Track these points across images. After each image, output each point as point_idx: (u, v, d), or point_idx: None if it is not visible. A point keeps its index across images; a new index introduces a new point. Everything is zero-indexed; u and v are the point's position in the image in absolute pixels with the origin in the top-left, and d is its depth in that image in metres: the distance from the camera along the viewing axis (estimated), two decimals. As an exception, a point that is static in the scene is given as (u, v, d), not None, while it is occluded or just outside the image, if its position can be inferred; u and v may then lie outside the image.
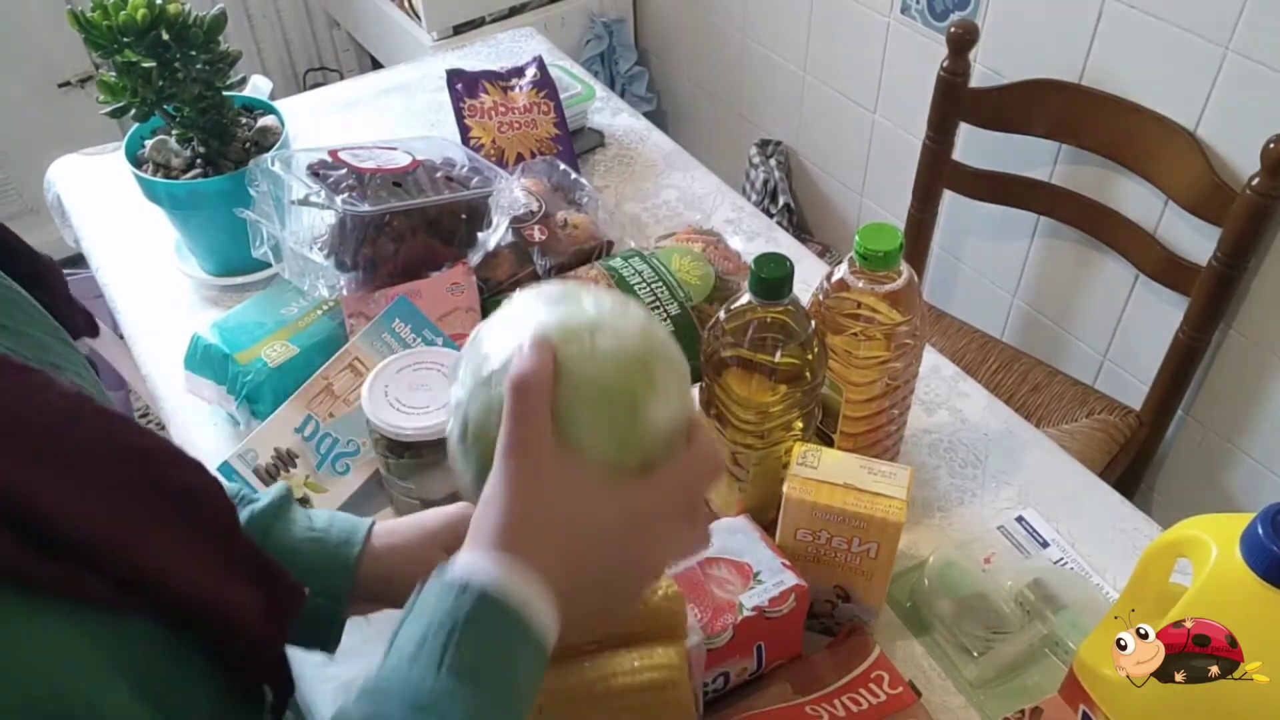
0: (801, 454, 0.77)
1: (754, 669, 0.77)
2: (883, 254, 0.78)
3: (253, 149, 1.11)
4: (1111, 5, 1.38)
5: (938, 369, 1.07)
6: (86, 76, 2.35)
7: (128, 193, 1.16)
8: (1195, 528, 0.63)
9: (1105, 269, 1.57)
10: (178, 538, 0.45)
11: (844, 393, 0.85)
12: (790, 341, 0.76)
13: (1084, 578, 0.86)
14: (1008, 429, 1.00)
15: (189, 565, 0.46)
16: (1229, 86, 1.30)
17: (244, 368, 0.95)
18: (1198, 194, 1.32)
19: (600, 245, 1.12)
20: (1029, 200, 1.54)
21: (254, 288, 1.13)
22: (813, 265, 1.18)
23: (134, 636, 0.43)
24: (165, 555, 0.44)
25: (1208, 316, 1.35)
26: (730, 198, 1.30)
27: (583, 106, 1.37)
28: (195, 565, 0.46)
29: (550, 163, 1.21)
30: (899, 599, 0.85)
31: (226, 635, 0.48)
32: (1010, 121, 1.50)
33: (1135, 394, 1.52)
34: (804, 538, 0.77)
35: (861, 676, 0.77)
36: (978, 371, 1.55)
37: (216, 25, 1.02)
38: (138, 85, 1.01)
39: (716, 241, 1.12)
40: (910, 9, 1.69)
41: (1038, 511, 0.91)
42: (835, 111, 1.97)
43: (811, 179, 2.13)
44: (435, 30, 2.10)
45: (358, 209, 0.96)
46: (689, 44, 2.30)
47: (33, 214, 2.36)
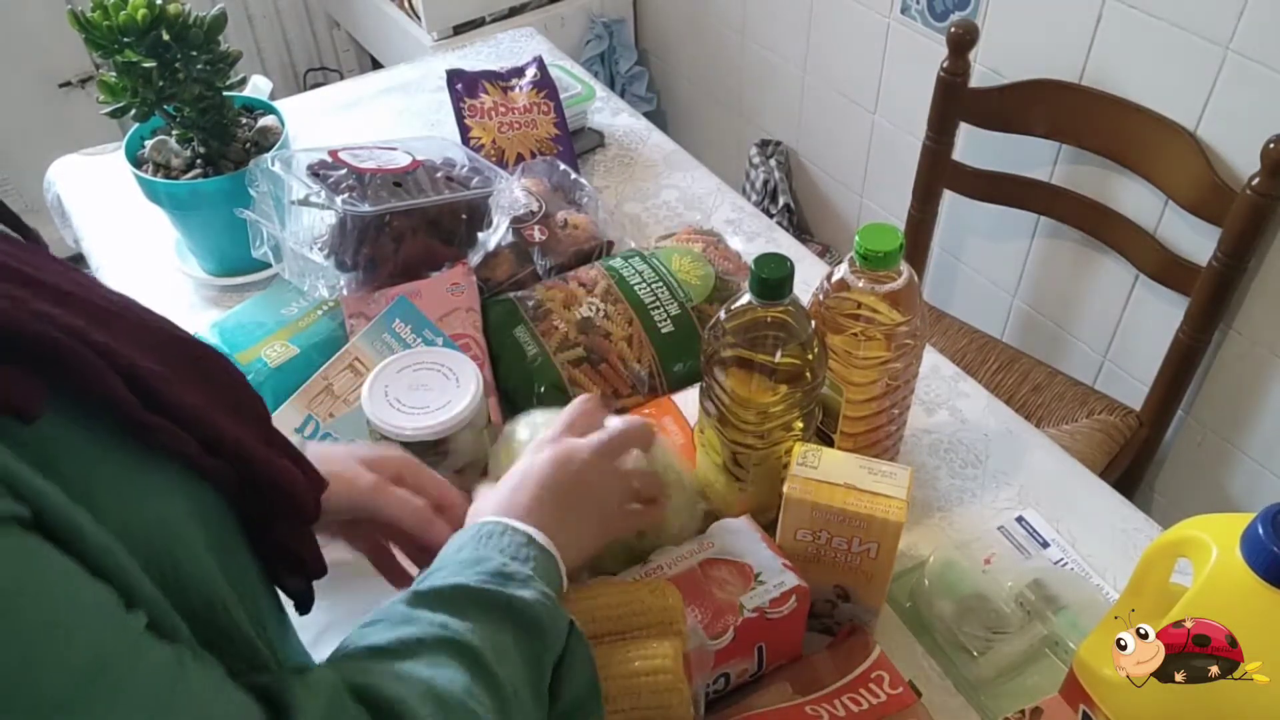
0: (801, 454, 0.76)
1: (754, 670, 0.77)
2: (883, 254, 0.78)
3: (253, 149, 1.11)
4: (1111, 5, 1.38)
5: (938, 369, 1.07)
6: (86, 76, 2.35)
7: (128, 193, 1.16)
8: (1195, 528, 0.63)
9: (1105, 269, 1.57)
10: (229, 413, 0.50)
11: (844, 393, 0.85)
12: (790, 341, 0.76)
13: (1084, 578, 0.86)
14: (1008, 429, 1.00)
15: (248, 436, 0.50)
16: (1229, 86, 1.30)
17: (244, 368, 0.95)
18: (1198, 194, 1.32)
19: (600, 245, 1.13)
20: (1029, 200, 1.54)
21: (254, 288, 1.13)
22: (813, 265, 1.18)
23: (208, 499, 0.48)
24: (228, 423, 0.49)
25: (1208, 316, 1.35)
26: (730, 198, 1.30)
27: (583, 106, 1.37)
28: (250, 436, 0.51)
29: (550, 163, 1.21)
30: (899, 599, 0.85)
31: (285, 505, 0.52)
32: (1010, 121, 1.50)
33: (1135, 394, 1.52)
34: (804, 538, 0.77)
35: (861, 676, 0.76)
36: (978, 371, 1.55)
37: (216, 25, 1.02)
38: (138, 85, 1.01)
39: (716, 242, 1.12)
40: (910, 9, 1.69)
41: (1038, 511, 0.91)
42: (835, 111, 1.97)
43: (811, 179, 2.13)
44: (435, 30, 2.10)
45: (358, 209, 0.96)
46: (689, 44, 2.30)
47: (33, 214, 2.34)
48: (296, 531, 0.55)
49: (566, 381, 0.95)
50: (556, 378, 0.95)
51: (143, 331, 0.48)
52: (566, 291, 1.01)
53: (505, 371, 0.98)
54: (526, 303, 1.00)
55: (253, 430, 0.52)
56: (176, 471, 0.46)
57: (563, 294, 1.00)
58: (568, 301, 1.00)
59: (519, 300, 1.01)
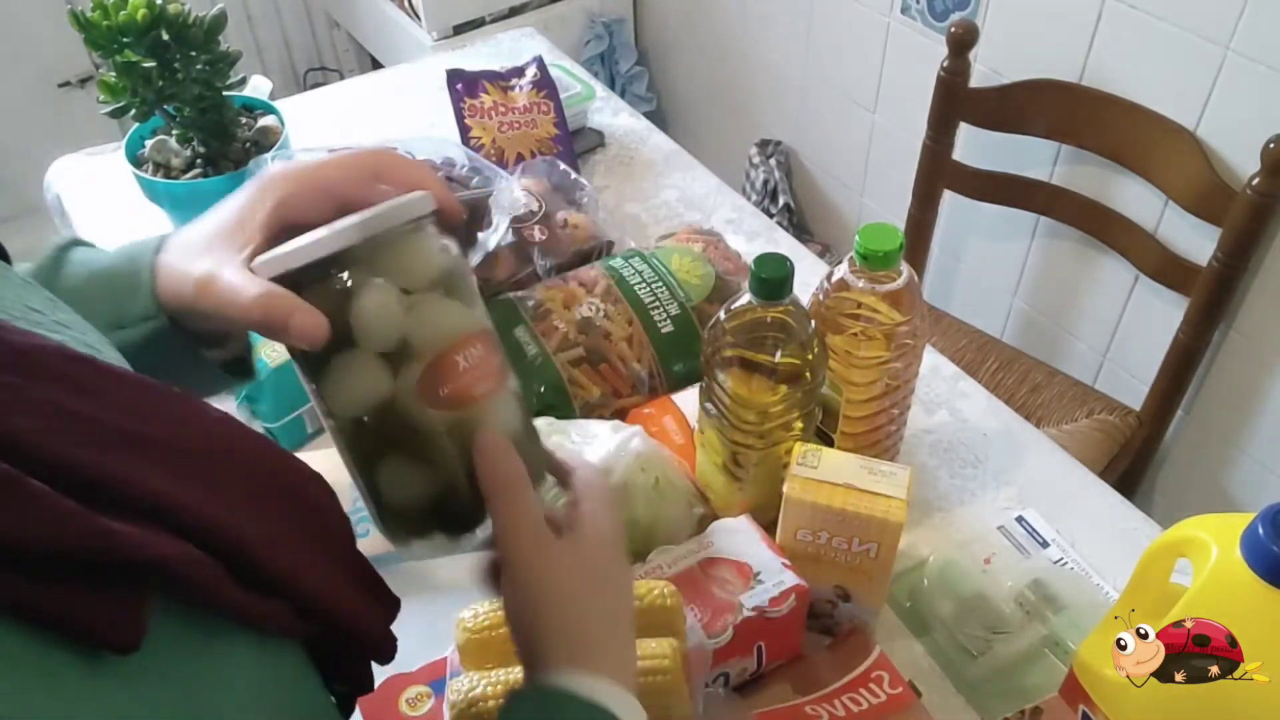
0: (801, 454, 0.76)
1: (754, 669, 0.77)
2: (883, 254, 0.78)
3: (253, 149, 1.11)
4: (1111, 5, 1.38)
5: (938, 369, 1.07)
6: (86, 76, 2.35)
7: (128, 193, 1.16)
8: (1195, 528, 0.63)
9: (1105, 269, 1.57)
10: (319, 557, 0.45)
11: (844, 393, 0.85)
12: (790, 341, 0.76)
13: (1084, 578, 0.86)
14: (1008, 429, 1.00)
15: (335, 582, 0.45)
16: (1229, 86, 1.30)
17: (244, 368, 0.95)
18: (1198, 194, 1.32)
19: (600, 245, 1.13)
20: (1029, 200, 1.54)
21: (254, 288, 1.13)
22: (813, 265, 1.18)
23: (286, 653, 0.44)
24: (319, 576, 0.44)
25: (1208, 316, 1.35)
26: (730, 198, 1.30)
27: (583, 106, 1.37)
28: (337, 580, 0.46)
29: (550, 163, 1.21)
30: (899, 599, 0.85)
31: (357, 645, 0.48)
32: (1010, 121, 1.50)
33: (1135, 394, 1.52)
34: (804, 538, 0.77)
35: (861, 676, 0.76)
36: (978, 371, 1.55)
37: (216, 25, 1.02)
38: (138, 85, 1.01)
39: (716, 241, 1.12)
40: (910, 9, 1.69)
41: (1038, 511, 0.91)
42: (835, 111, 1.97)
43: (811, 179, 2.13)
44: (435, 30, 2.10)
45: (358, 209, 0.96)
46: (689, 44, 2.30)
47: (33, 214, 2.35)
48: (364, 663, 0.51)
49: (566, 381, 0.95)
50: (556, 378, 0.95)
51: (243, 475, 0.42)
52: (566, 291, 1.01)
53: (505, 371, 0.98)
54: (526, 303, 1.00)
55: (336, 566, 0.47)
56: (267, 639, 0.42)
57: (563, 294, 1.00)
58: (568, 301, 1.00)
59: (519, 300, 1.01)
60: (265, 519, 0.42)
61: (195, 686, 0.37)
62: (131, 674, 0.34)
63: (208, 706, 0.37)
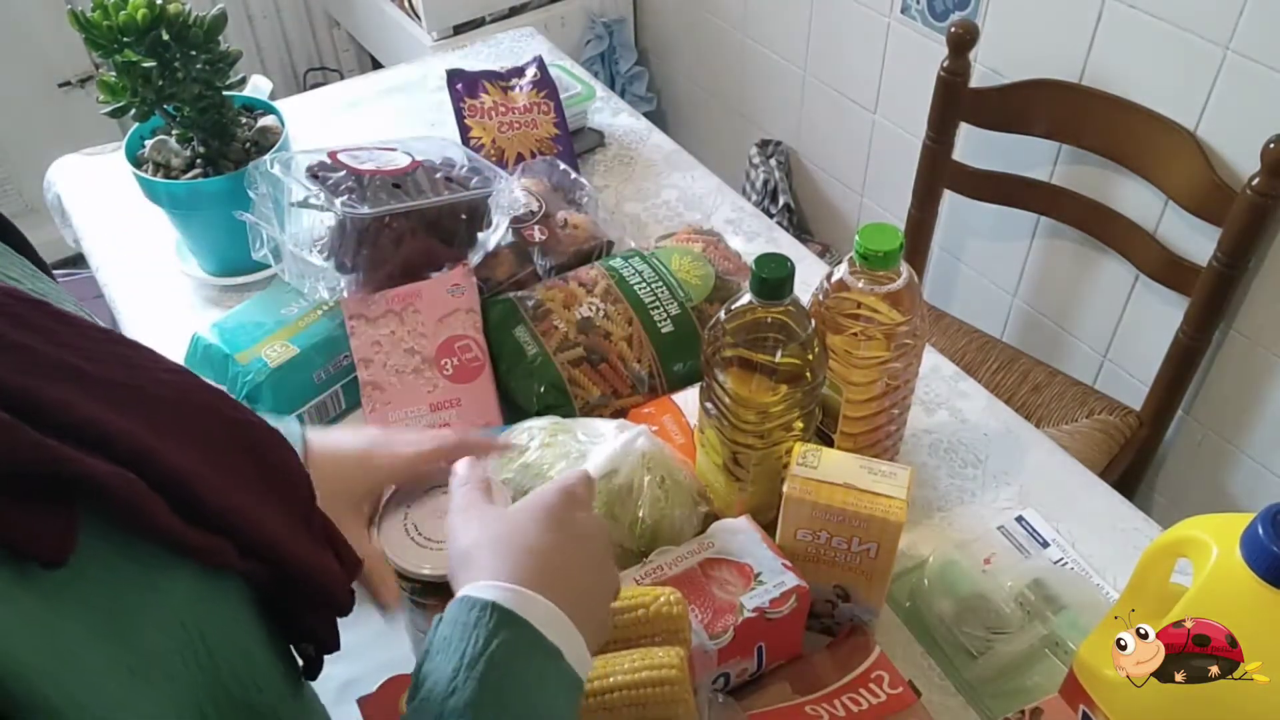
0: (801, 454, 0.76)
1: (754, 669, 0.77)
2: (883, 254, 0.78)
3: (253, 149, 1.11)
4: (1111, 5, 1.38)
5: (938, 369, 1.07)
6: (86, 76, 2.35)
7: (128, 193, 1.16)
8: (1195, 528, 0.63)
9: (1105, 269, 1.57)
10: (277, 509, 0.47)
11: (844, 393, 0.85)
12: (790, 341, 0.76)
13: (1084, 578, 0.86)
14: (1008, 429, 1.00)
15: (291, 534, 0.48)
16: (1229, 86, 1.30)
17: (244, 368, 0.95)
18: (1198, 194, 1.32)
19: (600, 245, 1.13)
20: (1029, 200, 1.54)
21: (254, 288, 1.13)
22: (813, 265, 1.18)
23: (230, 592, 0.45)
24: (274, 524, 0.46)
25: (1208, 316, 1.35)
26: (730, 198, 1.30)
27: (583, 106, 1.37)
28: (294, 534, 0.48)
29: (550, 163, 1.21)
30: (899, 599, 0.85)
31: (318, 600, 0.50)
32: (1010, 121, 1.50)
33: (1135, 394, 1.52)
34: (804, 538, 0.77)
35: (861, 676, 0.76)
36: (978, 371, 1.55)
37: (216, 25, 1.02)
38: (138, 85, 1.01)
39: (716, 241, 1.12)
40: (910, 9, 1.69)
41: (1038, 511, 0.91)
42: (835, 111, 1.97)
43: (811, 179, 2.13)
44: (435, 30, 2.10)
45: (357, 211, 0.96)
46: (689, 44, 2.30)
47: (33, 214, 2.35)
48: (326, 617, 0.52)
49: (566, 381, 0.95)
50: (556, 378, 0.95)
51: (194, 420, 0.44)
52: (566, 291, 1.01)
53: (505, 371, 0.98)
54: (526, 303, 1.00)
55: (294, 520, 0.49)
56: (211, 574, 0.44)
57: (563, 294, 1.00)
58: (568, 301, 1.00)
59: (519, 300, 1.01)
60: (215, 463, 0.44)
61: (120, 608, 0.38)
62: (56, 589, 0.36)
63: (130, 629, 0.38)
